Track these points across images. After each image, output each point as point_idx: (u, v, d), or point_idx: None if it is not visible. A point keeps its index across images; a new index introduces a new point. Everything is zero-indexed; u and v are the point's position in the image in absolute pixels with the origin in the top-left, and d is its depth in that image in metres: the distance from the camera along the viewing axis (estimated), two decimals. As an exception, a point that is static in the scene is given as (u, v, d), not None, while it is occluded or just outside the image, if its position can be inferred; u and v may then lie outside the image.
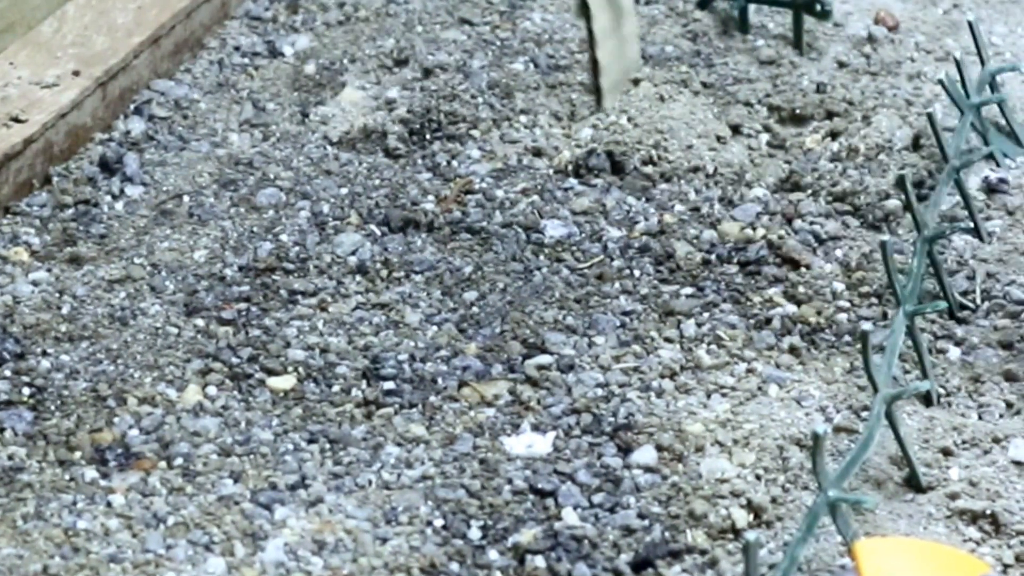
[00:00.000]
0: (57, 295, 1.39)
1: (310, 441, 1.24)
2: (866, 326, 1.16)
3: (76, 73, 1.59)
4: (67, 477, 1.20)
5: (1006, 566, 1.12)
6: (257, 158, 1.58)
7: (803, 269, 1.41)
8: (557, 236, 1.47)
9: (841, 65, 1.74)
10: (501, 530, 1.15)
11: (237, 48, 1.75)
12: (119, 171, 1.54)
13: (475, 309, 1.38)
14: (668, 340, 1.34)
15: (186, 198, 1.52)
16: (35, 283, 1.40)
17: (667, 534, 1.15)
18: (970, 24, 1.62)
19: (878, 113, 1.64)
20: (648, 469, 1.21)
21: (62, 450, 1.22)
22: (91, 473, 1.20)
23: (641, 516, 1.16)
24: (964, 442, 1.22)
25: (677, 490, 1.18)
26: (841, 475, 1.09)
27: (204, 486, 1.19)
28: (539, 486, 1.19)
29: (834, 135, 1.63)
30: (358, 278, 1.41)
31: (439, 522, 1.16)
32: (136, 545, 1.14)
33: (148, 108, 1.63)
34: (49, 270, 1.42)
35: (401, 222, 1.48)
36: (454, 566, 1.12)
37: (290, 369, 1.31)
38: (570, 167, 1.56)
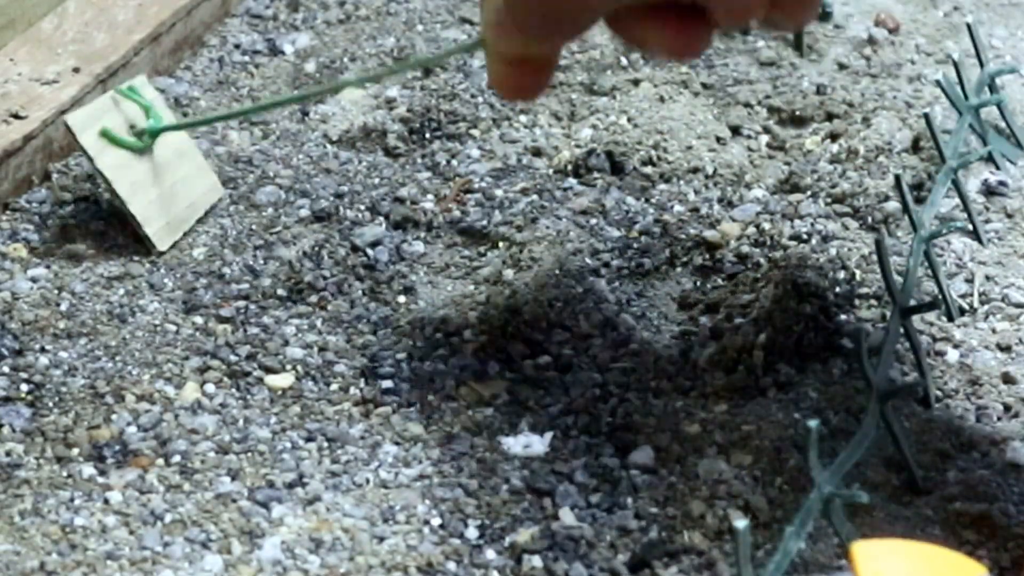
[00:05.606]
0: (56, 292, 1.39)
1: (308, 439, 1.23)
2: (863, 327, 1.16)
3: (76, 70, 1.59)
4: (64, 474, 1.20)
5: (1003, 569, 1.12)
6: (257, 156, 1.58)
7: (802, 270, 1.41)
8: (556, 236, 1.47)
9: (841, 67, 1.74)
10: (498, 529, 1.15)
11: (237, 46, 1.75)
12: (118, 168, 1.54)
13: (474, 308, 1.38)
14: (666, 340, 1.34)
15: (185, 195, 1.52)
16: (34, 279, 1.40)
17: (664, 535, 1.14)
18: (968, 26, 1.62)
19: (878, 115, 1.64)
20: (646, 470, 1.21)
21: (60, 447, 1.22)
22: (88, 470, 1.20)
23: (638, 516, 1.16)
24: (962, 445, 1.22)
25: (674, 491, 1.18)
26: (835, 470, 1.09)
27: (201, 484, 1.19)
28: (537, 486, 1.19)
29: (834, 137, 1.63)
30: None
31: (436, 521, 1.16)
32: (133, 542, 1.14)
33: (148, 105, 1.63)
34: (48, 267, 1.42)
35: (400, 220, 1.48)
36: (451, 565, 1.12)
37: (288, 367, 1.31)
38: (569, 167, 1.56)
